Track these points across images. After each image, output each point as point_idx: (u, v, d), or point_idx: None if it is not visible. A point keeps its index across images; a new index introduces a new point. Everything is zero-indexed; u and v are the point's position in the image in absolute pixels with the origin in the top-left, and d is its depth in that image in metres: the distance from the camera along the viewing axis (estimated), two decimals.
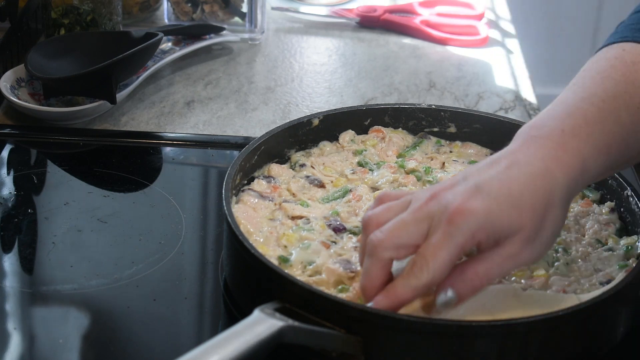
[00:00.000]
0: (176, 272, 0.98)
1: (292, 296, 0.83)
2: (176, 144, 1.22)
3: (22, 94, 1.25)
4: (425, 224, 0.81)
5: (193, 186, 1.16)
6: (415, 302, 0.83)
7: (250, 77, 1.39)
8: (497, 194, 0.80)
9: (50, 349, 0.89)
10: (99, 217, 1.05)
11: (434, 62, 1.46)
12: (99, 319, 0.94)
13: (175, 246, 1.01)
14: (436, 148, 1.10)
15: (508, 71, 1.45)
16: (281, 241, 0.94)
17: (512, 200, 0.80)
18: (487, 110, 1.29)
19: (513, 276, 0.91)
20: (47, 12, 1.32)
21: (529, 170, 0.82)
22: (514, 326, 0.81)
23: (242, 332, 0.77)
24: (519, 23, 1.67)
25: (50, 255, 1.00)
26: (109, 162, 1.18)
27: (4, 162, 1.17)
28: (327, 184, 1.03)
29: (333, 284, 0.89)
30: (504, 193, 0.80)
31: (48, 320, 0.94)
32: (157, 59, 1.34)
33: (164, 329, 0.92)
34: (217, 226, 1.05)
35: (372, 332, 0.81)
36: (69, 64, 1.26)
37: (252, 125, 1.27)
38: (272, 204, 0.99)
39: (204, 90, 1.35)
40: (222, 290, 0.95)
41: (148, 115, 1.28)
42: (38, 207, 1.08)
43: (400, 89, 1.38)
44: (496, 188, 0.81)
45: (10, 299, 0.95)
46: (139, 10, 1.50)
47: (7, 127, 1.23)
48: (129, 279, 0.96)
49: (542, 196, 0.81)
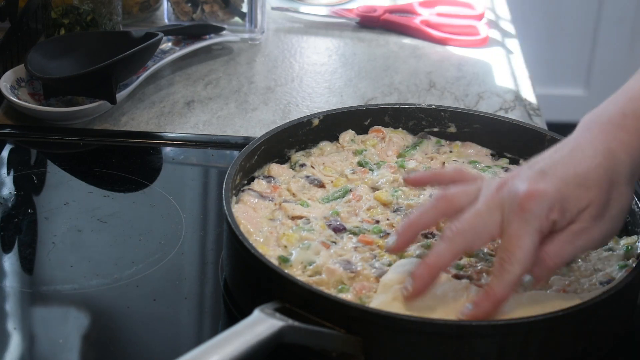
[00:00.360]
0: (176, 272, 0.98)
1: (292, 296, 0.83)
2: (176, 144, 1.21)
3: (22, 94, 1.25)
4: (498, 212, 0.84)
5: (193, 186, 1.16)
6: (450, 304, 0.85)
7: (250, 77, 1.39)
8: (563, 175, 0.84)
9: (50, 349, 0.89)
10: (99, 217, 1.05)
11: (434, 62, 1.46)
12: (99, 319, 0.94)
13: (175, 246, 1.01)
14: (436, 148, 1.10)
15: (508, 71, 1.45)
16: (281, 241, 0.94)
17: (578, 179, 0.83)
18: (487, 110, 1.29)
19: None
20: (47, 12, 1.32)
21: (592, 152, 0.85)
22: (514, 326, 0.81)
23: (242, 332, 0.77)
24: (519, 23, 1.67)
25: (50, 255, 1.00)
26: (109, 162, 1.18)
27: (4, 162, 1.17)
28: (327, 184, 1.03)
29: (333, 284, 0.89)
30: (570, 174, 0.84)
31: (48, 320, 0.94)
32: (157, 59, 1.34)
33: (164, 329, 0.92)
34: (217, 226, 1.05)
35: (372, 332, 0.81)
36: (69, 64, 1.26)
37: (252, 125, 1.27)
38: (272, 204, 0.99)
39: (204, 90, 1.35)
40: (222, 290, 0.95)
41: (148, 115, 1.28)
42: (38, 207, 1.08)
43: (400, 89, 1.38)
44: (561, 170, 0.84)
45: (10, 299, 0.95)
46: (139, 10, 1.50)
47: (7, 127, 1.23)
48: (129, 279, 0.96)
49: (607, 174, 0.84)
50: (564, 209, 0.83)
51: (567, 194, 0.83)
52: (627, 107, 0.87)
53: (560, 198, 0.83)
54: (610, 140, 0.85)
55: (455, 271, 0.91)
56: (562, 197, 0.83)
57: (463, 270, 0.91)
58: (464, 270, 0.91)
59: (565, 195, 0.83)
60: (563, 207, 0.83)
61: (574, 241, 0.84)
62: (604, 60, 2.99)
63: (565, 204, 0.83)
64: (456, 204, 0.87)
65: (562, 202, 0.83)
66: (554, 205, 0.82)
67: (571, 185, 0.83)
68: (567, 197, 0.83)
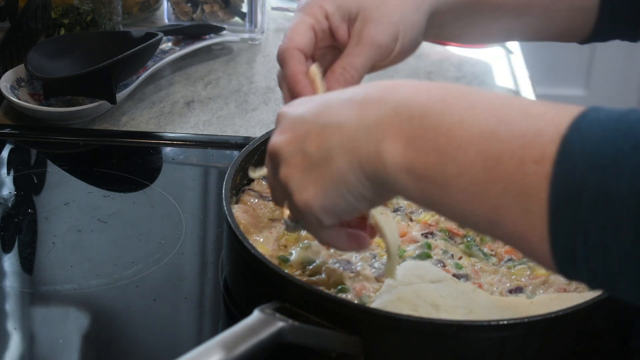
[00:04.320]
0: (176, 272, 0.98)
1: (292, 296, 0.83)
2: (176, 144, 1.22)
3: (22, 94, 1.25)
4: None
5: (193, 186, 1.16)
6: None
7: (250, 77, 1.39)
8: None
9: (50, 349, 0.89)
10: (99, 217, 1.05)
11: (434, 62, 1.46)
12: (99, 319, 0.94)
13: (175, 246, 1.01)
14: None
15: (508, 71, 1.45)
16: (281, 241, 0.94)
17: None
18: None
19: (513, 274, 0.91)
20: (47, 12, 1.32)
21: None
22: (514, 326, 0.81)
23: (242, 332, 0.77)
24: None
25: (50, 255, 1.00)
26: (109, 162, 1.18)
27: (4, 162, 1.17)
28: None
29: (333, 284, 0.89)
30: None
31: (48, 320, 0.94)
32: (157, 59, 1.34)
33: (164, 329, 0.92)
34: (217, 226, 1.05)
35: (372, 332, 0.81)
36: (69, 64, 1.26)
37: (252, 125, 1.27)
38: (272, 204, 0.99)
39: (204, 90, 1.35)
40: (222, 290, 0.95)
41: (148, 115, 1.28)
42: (38, 207, 1.08)
43: None
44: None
45: (10, 299, 0.95)
46: (139, 10, 1.50)
47: (7, 127, 1.23)
48: (129, 279, 0.96)
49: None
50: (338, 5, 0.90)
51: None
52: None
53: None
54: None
55: (455, 271, 0.91)
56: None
57: (463, 270, 0.91)
58: (464, 270, 0.91)
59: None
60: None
61: (360, 53, 0.88)
62: (604, 60, 2.99)
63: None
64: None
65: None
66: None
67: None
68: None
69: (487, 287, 0.90)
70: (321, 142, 0.73)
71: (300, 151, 0.74)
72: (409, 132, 0.68)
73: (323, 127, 0.73)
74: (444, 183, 0.67)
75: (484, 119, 0.66)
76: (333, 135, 0.72)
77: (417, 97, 0.70)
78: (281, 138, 0.75)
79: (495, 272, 0.92)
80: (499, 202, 0.64)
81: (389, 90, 0.72)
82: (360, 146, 0.70)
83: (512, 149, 0.64)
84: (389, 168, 0.69)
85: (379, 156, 0.69)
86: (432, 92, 0.70)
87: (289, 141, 0.75)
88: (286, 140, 0.75)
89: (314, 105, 0.75)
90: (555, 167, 0.62)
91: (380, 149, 0.69)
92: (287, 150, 0.75)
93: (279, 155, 0.75)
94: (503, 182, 0.64)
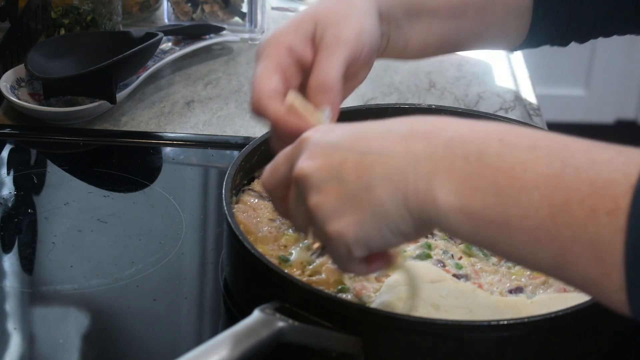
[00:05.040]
0: (176, 272, 0.98)
1: (292, 296, 0.83)
2: (176, 144, 1.21)
3: (22, 94, 1.25)
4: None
5: (193, 186, 1.16)
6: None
7: (250, 77, 1.39)
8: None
9: (50, 349, 0.89)
10: (99, 217, 1.05)
11: (434, 62, 1.46)
12: (99, 319, 0.94)
13: (175, 246, 1.01)
14: None
15: (508, 71, 1.45)
16: (281, 241, 0.94)
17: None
18: (487, 110, 1.29)
19: (513, 275, 0.91)
20: (47, 12, 1.32)
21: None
22: (514, 326, 0.81)
23: (242, 332, 0.77)
24: None
25: (50, 255, 1.00)
26: (109, 162, 1.18)
27: (4, 162, 1.17)
28: None
29: (333, 284, 0.89)
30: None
31: (48, 320, 0.94)
32: (157, 59, 1.34)
33: (164, 329, 0.92)
34: (217, 226, 1.05)
35: (372, 332, 0.81)
36: (69, 64, 1.26)
37: (252, 125, 1.27)
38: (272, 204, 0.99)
39: (204, 90, 1.35)
40: (222, 290, 0.95)
41: (148, 115, 1.28)
42: (38, 207, 1.08)
43: (400, 89, 1.38)
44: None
45: (10, 299, 0.95)
46: (139, 10, 1.50)
47: (7, 127, 1.23)
48: (129, 279, 0.96)
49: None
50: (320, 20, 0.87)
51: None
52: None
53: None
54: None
55: (455, 271, 0.91)
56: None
57: (463, 270, 0.91)
58: (464, 270, 0.91)
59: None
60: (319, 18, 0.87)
61: (330, 54, 0.85)
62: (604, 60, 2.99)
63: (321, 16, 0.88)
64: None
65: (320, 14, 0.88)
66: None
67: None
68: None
69: (487, 287, 0.90)
70: (360, 171, 0.69)
71: (334, 178, 0.70)
72: (465, 169, 0.66)
73: (362, 155, 0.70)
74: (504, 224, 0.65)
75: (548, 162, 0.64)
76: (375, 166, 0.69)
77: (471, 134, 0.68)
78: (311, 163, 0.72)
79: (495, 272, 0.92)
80: (566, 248, 0.63)
81: (437, 125, 0.70)
82: (408, 180, 0.68)
83: (581, 197, 0.63)
84: (441, 206, 0.67)
85: (430, 192, 0.67)
86: (488, 129, 0.68)
87: (320, 167, 0.71)
88: (317, 166, 0.71)
89: (348, 132, 0.72)
90: (631, 220, 0.61)
91: (432, 186, 0.67)
92: (318, 177, 0.71)
93: (308, 181, 0.72)
94: (572, 230, 0.63)
